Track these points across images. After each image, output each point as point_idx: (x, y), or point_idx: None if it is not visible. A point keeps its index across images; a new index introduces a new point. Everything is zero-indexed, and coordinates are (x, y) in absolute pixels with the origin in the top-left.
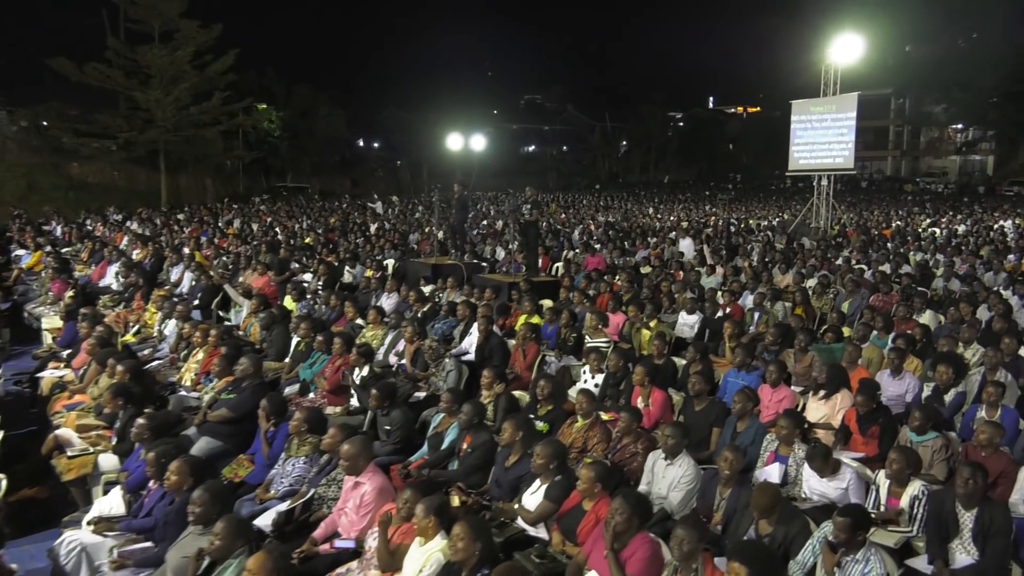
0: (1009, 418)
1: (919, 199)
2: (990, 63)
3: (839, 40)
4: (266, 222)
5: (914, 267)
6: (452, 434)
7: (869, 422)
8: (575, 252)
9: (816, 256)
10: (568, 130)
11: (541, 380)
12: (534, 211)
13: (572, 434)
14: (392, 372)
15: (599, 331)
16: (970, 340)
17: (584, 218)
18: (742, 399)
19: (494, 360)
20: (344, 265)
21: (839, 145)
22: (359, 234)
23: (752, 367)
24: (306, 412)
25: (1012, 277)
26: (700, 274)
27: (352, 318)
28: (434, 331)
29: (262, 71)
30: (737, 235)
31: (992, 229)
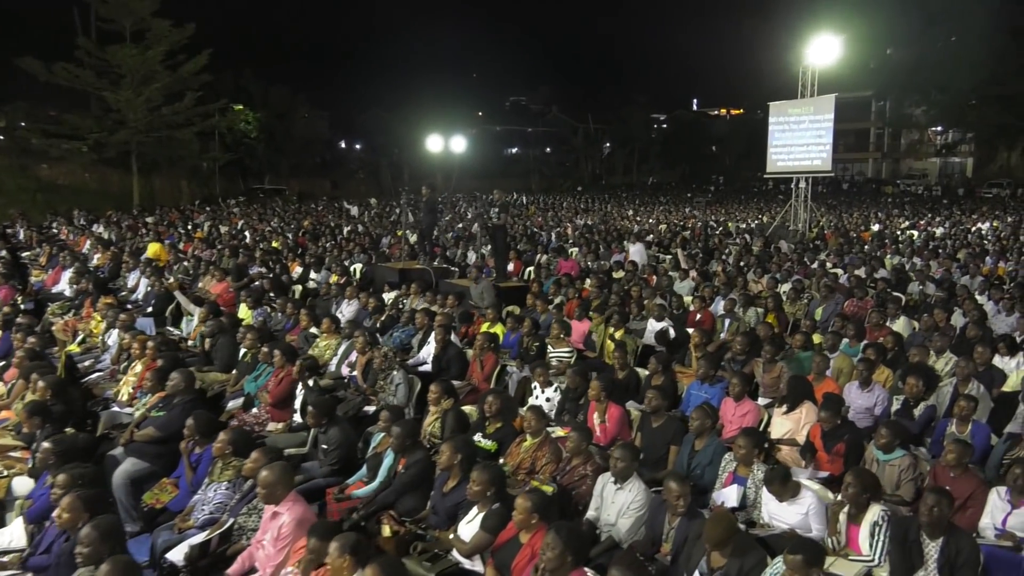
0: (980, 434)
1: (899, 201)
2: (968, 66)
3: (816, 41)
4: (237, 225)
5: (890, 271)
6: (389, 457)
7: (834, 438)
8: (548, 256)
9: (792, 260)
10: (552, 132)
11: (489, 396)
12: (502, 214)
13: (520, 454)
14: (344, 385)
15: (562, 340)
16: (942, 349)
17: (562, 220)
18: (700, 416)
19: (451, 371)
20: (309, 270)
21: (817, 147)
22: (329, 237)
23: (716, 379)
24: (231, 433)
25: (989, 281)
26: (673, 279)
27: (306, 327)
28: (392, 340)
29: (239, 72)
30: (714, 238)
31: (970, 232)
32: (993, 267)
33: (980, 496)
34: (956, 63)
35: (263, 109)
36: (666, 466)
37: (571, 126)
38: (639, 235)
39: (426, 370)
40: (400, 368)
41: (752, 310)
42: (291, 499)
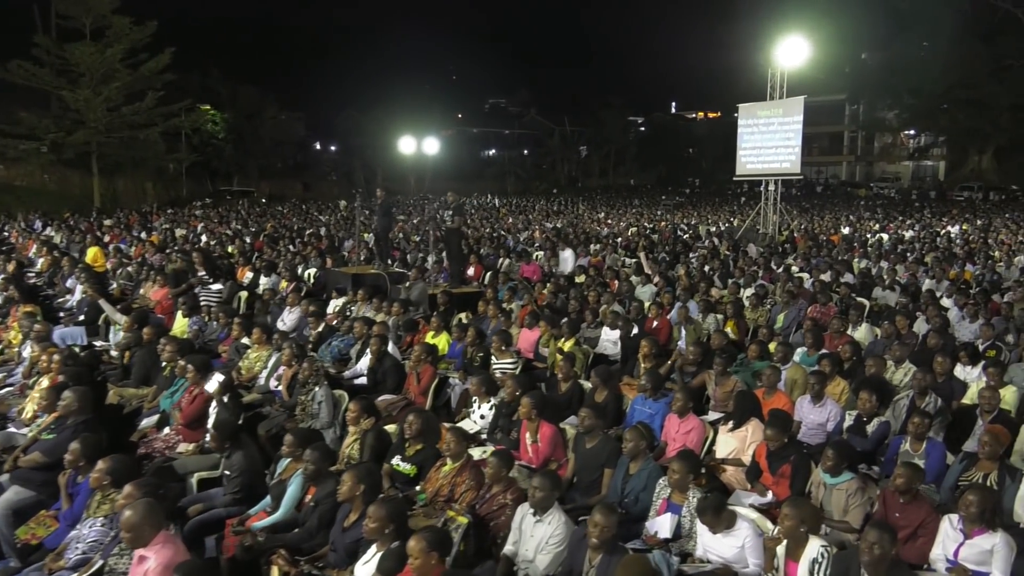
0: (935, 452)
1: (871, 204)
2: (939, 70)
3: (785, 43)
4: (196, 228)
5: (857, 275)
6: (294, 485)
7: (780, 459)
8: (510, 260)
9: (759, 264)
10: (529, 134)
11: (410, 415)
12: (456, 217)
13: (439, 480)
14: (270, 400)
15: (505, 351)
16: (901, 359)
17: (531, 223)
18: (634, 436)
19: (387, 384)
20: (259, 275)
21: (786, 149)
22: (289, 241)
23: (662, 393)
24: (110, 462)
25: (955, 285)
26: (635, 284)
27: (238, 337)
28: (330, 350)
29: (206, 71)
30: (681, 242)
31: (939, 235)
32: (960, 271)
33: (931, 525)
34: (928, 67)
35: (231, 110)
36: (600, 490)
37: (548, 128)
38: (566, 240)
39: (363, 383)
40: (324, 384)
41: (712, 317)
42: (160, 540)
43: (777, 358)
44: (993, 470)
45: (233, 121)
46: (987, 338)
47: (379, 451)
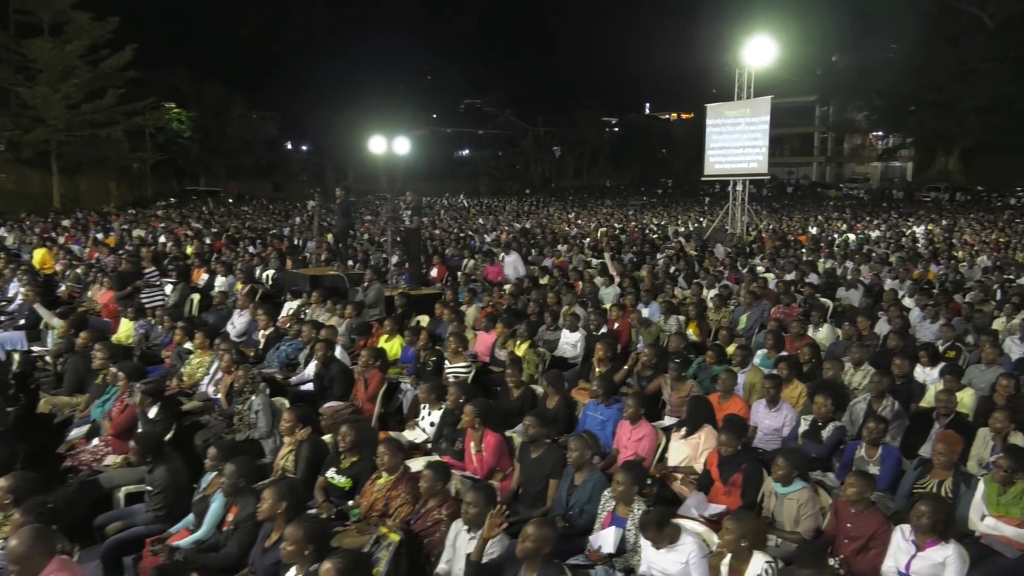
0: (891, 458)
1: (840, 205)
2: (907, 72)
3: (752, 43)
4: (156, 229)
5: (821, 275)
6: (217, 502)
7: (731, 467)
8: (474, 261)
9: (725, 264)
10: (503, 134)
11: (344, 425)
12: (415, 217)
13: (373, 494)
14: (209, 408)
15: (459, 355)
16: (860, 360)
17: (501, 223)
18: (578, 446)
19: (335, 390)
20: (215, 276)
21: (753, 149)
22: (249, 242)
23: (615, 399)
24: (12, 479)
25: (918, 286)
26: (598, 286)
27: (180, 341)
28: (278, 355)
29: (172, 69)
30: (648, 242)
31: (904, 235)
32: (924, 271)
33: (883, 536)
34: (895, 69)
35: (197, 108)
36: (545, 502)
37: (521, 129)
38: (508, 245)
39: (310, 389)
40: (262, 391)
41: (674, 318)
42: (54, 568)
43: (735, 362)
44: (948, 477)
45: (199, 120)
46: (947, 339)
47: (315, 463)
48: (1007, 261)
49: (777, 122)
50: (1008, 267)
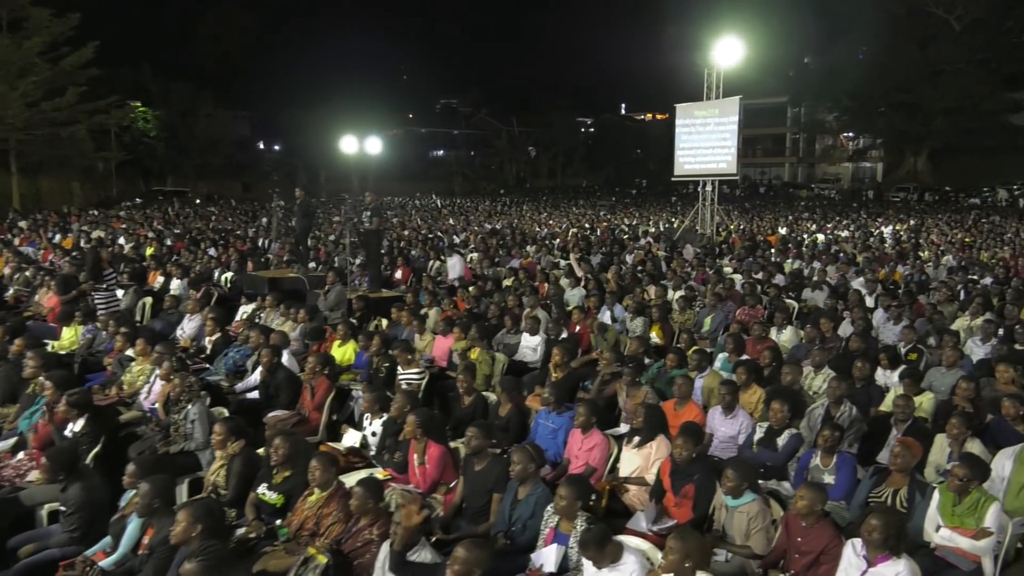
0: (846, 467)
1: (810, 205)
2: (876, 74)
3: (720, 43)
4: (118, 230)
5: (787, 276)
6: (134, 523)
7: (683, 477)
8: (440, 262)
9: (692, 265)
10: (478, 134)
11: (276, 438)
12: (374, 218)
13: (304, 511)
14: (146, 419)
15: (411, 360)
16: (821, 364)
17: (471, 223)
18: (521, 458)
19: (281, 398)
20: (170, 279)
21: (722, 150)
22: (211, 243)
23: (567, 407)
24: None
25: (884, 286)
26: (564, 288)
27: (121, 348)
28: (225, 362)
29: (137, 67)
30: (617, 243)
31: (872, 235)
32: (890, 272)
33: (834, 550)
34: (865, 71)
35: (164, 107)
36: (488, 518)
37: (496, 129)
38: (452, 247)
39: (256, 398)
40: (199, 400)
41: (640, 320)
42: None
43: (691, 366)
44: (903, 485)
45: (166, 119)
46: (908, 341)
47: (248, 478)
48: (972, 261)
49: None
50: (973, 267)
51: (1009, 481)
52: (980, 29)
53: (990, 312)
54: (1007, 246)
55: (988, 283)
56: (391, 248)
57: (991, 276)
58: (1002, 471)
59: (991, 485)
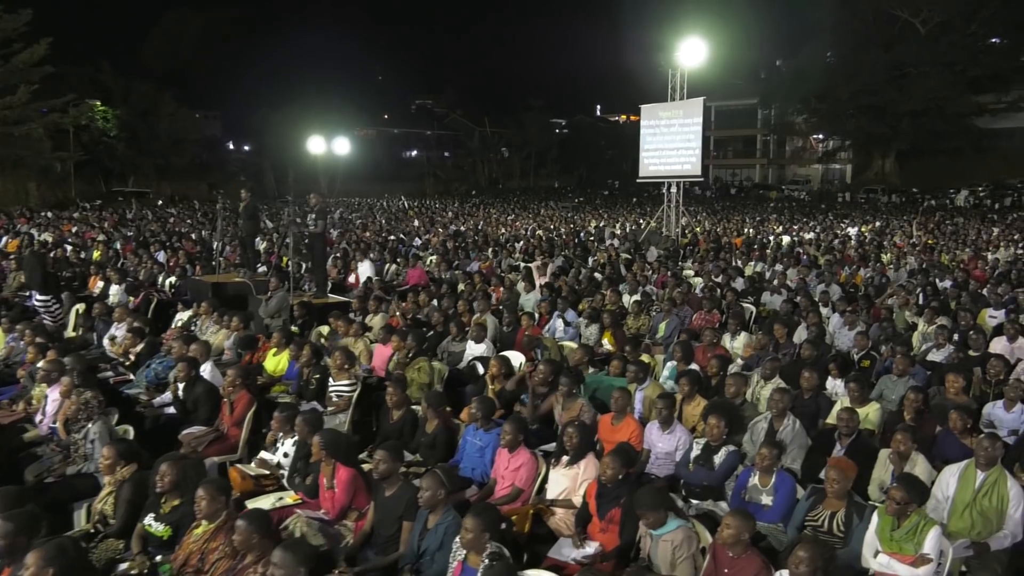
0: (784, 487)
1: (779, 206)
2: (844, 76)
3: (685, 43)
4: (69, 232)
5: (746, 279)
6: None
7: (610, 500)
8: (396, 265)
9: (653, 267)
10: (452, 135)
11: (163, 464)
12: (319, 221)
13: (190, 545)
14: (47, 438)
15: (343, 371)
16: (770, 374)
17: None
18: (430, 484)
19: (199, 414)
20: (109, 285)
21: (687, 151)
22: (159, 247)
23: (495, 423)
24: None
25: (843, 289)
26: (519, 292)
27: (33, 360)
28: (146, 374)
29: (96, 65)
30: (580, 245)
31: (837, 237)
32: (851, 274)
33: None
34: (833, 74)
35: (124, 106)
36: (398, 547)
37: (469, 129)
38: (366, 250)
39: (173, 413)
40: (100, 418)
41: (594, 327)
42: None
43: (629, 377)
44: (841, 508)
45: (126, 118)
46: (862, 347)
47: (138, 507)
48: (932, 264)
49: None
50: (933, 270)
51: (953, 500)
52: (945, 32)
53: (945, 317)
54: (968, 248)
55: (947, 286)
56: (347, 251)
57: (951, 279)
58: (946, 489)
59: (935, 504)
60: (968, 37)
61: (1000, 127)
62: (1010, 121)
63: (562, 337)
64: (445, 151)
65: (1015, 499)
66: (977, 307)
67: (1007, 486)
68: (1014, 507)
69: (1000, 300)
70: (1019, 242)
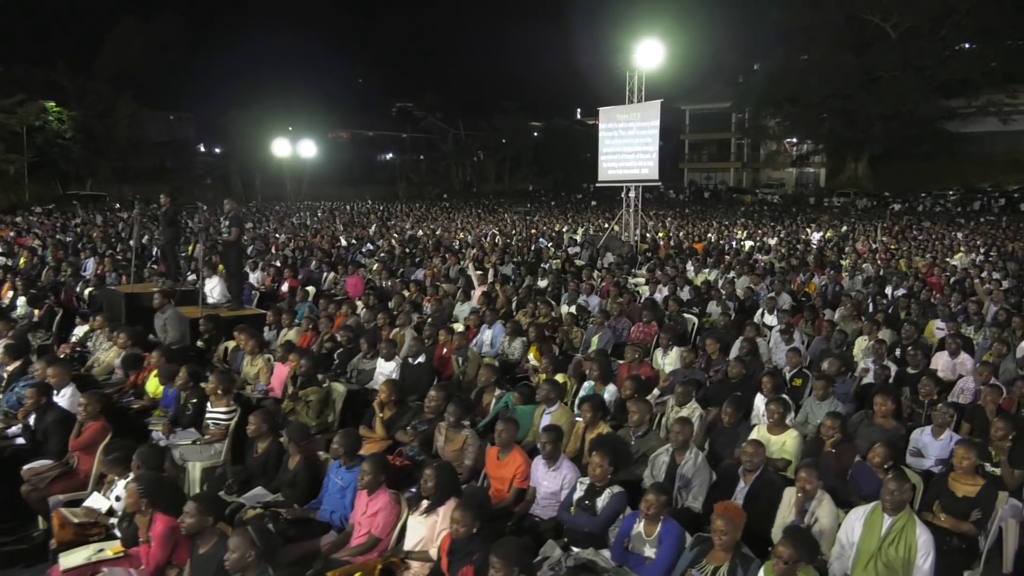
0: (669, 537)
1: (749, 210)
2: (816, 80)
3: (641, 46)
4: (5, 238)
5: (691, 290)
6: None
7: (463, 556)
8: (335, 273)
9: (603, 276)
10: (427, 137)
11: None
12: (233, 228)
13: None
14: None
15: (222, 396)
16: (686, 398)
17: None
18: (239, 544)
19: (50, 445)
20: (17, 295)
21: (644, 155)
22: (90, 253)
23: (360, 458)
24: None
25: (795, 298)
26: (454, 303)
27: None
28: (6, 399)
29: (51, 65)
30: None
31: (799, 241)
32: (804, 283)
33: None
34: (805, 77)
35: (80, 107)
36: None
37: (444, 132)
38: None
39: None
40: None
41: (518, 342)
42: None
43: (539, 398)
44: (725, 562)
45: (82, 119)
46: (793, 365)
47: None
48: (889, 271)
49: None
50: (891, 277)
51: (858, 548)
52: (916, 37)
53: (891, 330)
54: (928, 254)
55: (901, 295)
56: (285, 258)
57: (905, 287)
58: (851, 534)
59: (840, 551)
60: (938, 42)
61: (971, 131)
62: (981, 126)
63: (488, 352)
64: (421, 154)
65: (923, 548)
66: (925, 318)
67: (915, 533)
68: (922, 558)
69: (948, 312)
70: (980, 247)
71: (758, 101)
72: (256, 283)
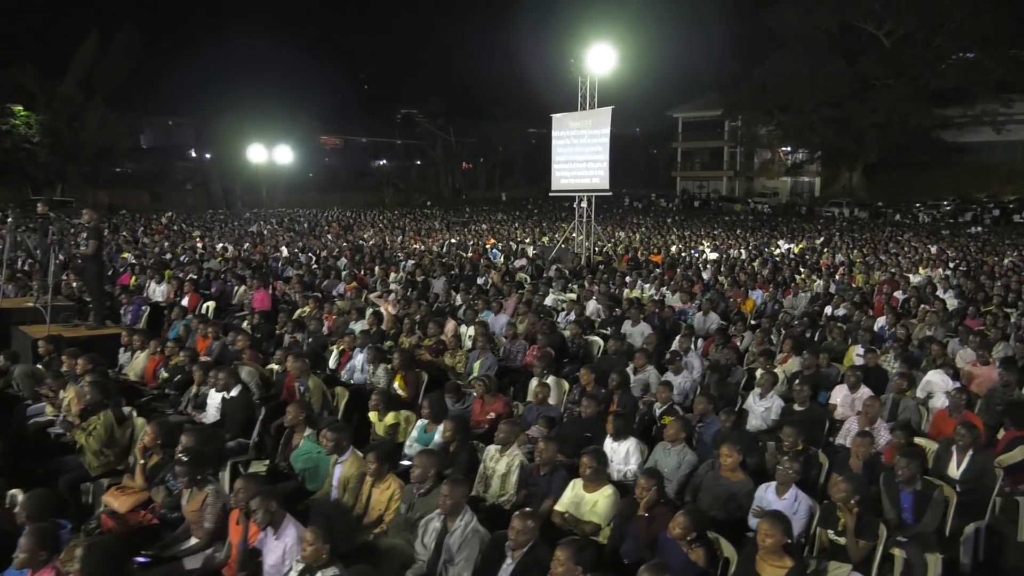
0: None
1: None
2: (808, 88)
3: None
4: None
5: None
6: None
7: None
8: (245, 287)
9: (511, 290)
10: (419, 144)
11: None
12: (91, 240)
13: None
14: None
15: None
16: (507, 441)
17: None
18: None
19: None
20: None
21: (595, 164)
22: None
23: None
24: None
25: (726, 318)
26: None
27: None
28: None
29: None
30: (471, 266)
31: (761, 254)
32: (741, 301)
33: None
34: (797, 86)
35: (48, 111)
36: None
37: (433, 138)
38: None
39: None
40: None
41: (382, 368)
42: None
43: (324, 443)
44: None
45: (50, 123)
46: (664, 401)
47: None
48: (842, 288)
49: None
50: (844, 293)
51: None
52: (909, 45)
53: (800, 357)
54: (891, 269)
55: (840, 315)
56: (200, 271)
57: (845, 308)
58: None
59: None
60: (931, 50)
61: (968, 141)
62: (978, 135)
63: (358, 379)
64: (415, 160)
65: None
66: (847, 343)
67: None
68: None
69: (868, 336)
70: (950, 262)
71: (750, 109)
72: (160, 296)
